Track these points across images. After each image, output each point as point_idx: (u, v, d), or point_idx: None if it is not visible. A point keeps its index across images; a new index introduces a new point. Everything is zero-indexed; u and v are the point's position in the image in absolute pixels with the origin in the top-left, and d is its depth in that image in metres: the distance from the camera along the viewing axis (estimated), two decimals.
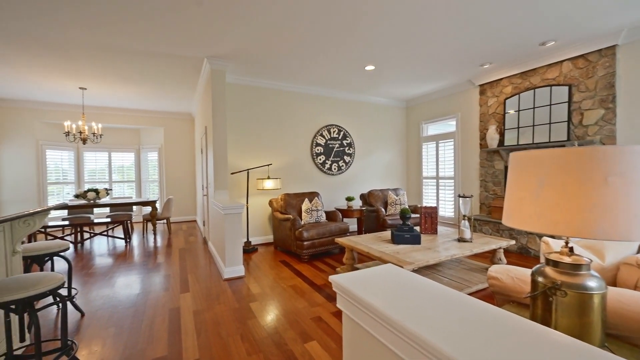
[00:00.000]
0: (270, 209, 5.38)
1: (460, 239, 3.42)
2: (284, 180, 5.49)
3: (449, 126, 6.20)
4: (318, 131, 5.78)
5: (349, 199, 5.37)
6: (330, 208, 5.94)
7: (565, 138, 4.01)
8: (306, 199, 4.88)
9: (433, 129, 6.57)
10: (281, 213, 4.76)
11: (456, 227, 5.67)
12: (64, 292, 3.02)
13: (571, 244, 1.13)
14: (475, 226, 5.07)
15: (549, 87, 4.19)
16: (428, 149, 6.48)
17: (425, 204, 6.54)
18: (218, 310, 2.76)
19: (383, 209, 5.29)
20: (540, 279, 1.05)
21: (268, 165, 4.98)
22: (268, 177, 4.85)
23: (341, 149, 6.07)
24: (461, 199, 3.45)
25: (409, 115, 6.92)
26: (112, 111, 7.08)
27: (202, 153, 5.68)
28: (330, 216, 5.00)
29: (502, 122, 4.83)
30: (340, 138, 6.04)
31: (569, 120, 4.00)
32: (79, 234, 5.45)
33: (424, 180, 6.56)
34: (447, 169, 6.02)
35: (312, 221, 4.72)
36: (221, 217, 3.73)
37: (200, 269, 3.96)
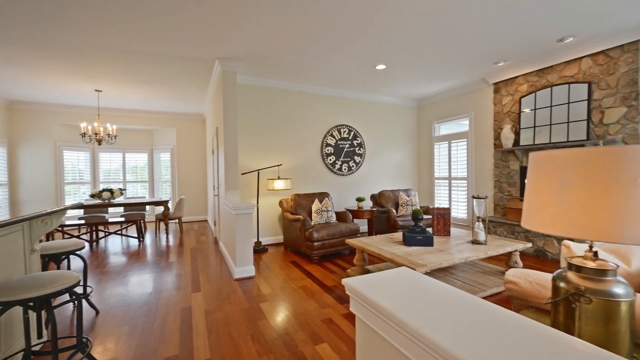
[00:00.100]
0: (280, 210, 5.39)
1: (474, 241, 3.35)
2: (294, 180, 5.49)
3: (462, 126, 6.08)
4: (328, 131, 5.76)
5: (360, 200, 5.33)
6: (340, 209, 5.90)
7: (584, 137, 3.87)
8: (316, 200, 4.86)
9: (445, 129, 6.47)
10: (291, 213, 4.76)
11: (469, 229, 5.56)
12: (80, 290, 3.09)
13: (595, 248, 1.08)
14: (489, 228, 4.95)
15: (567, 85, 4.06)
16: (440, 149, 6.37)
17: (437, 205, 6.44)
18: (229, 310, 2.78)
19: (394, 210, 5.23)
20: (562, 285, 1.01)
21: (278, 165, 4.99)
22: (278, 178, 4.85)
23: (351, 149, 6.03)
24: (475, 200, 3.37)
25: (421, 114, 6.82)
26: (126, 113, 7.24)
27: (213, 153, 5.74)
28: (340, 217, 4.97)
29: (518, 121, 4.71)
30: (350, 138, 6.01)
31: (589, 118, 3.87)
32: (94, 233, 5.59)
33: (436, 180, 6.46)
34: (460, 170, 5.91)
35: (322, 222, 4.70)
36: (232, 217, 3.75)
37: (211, 269, 3.99)
